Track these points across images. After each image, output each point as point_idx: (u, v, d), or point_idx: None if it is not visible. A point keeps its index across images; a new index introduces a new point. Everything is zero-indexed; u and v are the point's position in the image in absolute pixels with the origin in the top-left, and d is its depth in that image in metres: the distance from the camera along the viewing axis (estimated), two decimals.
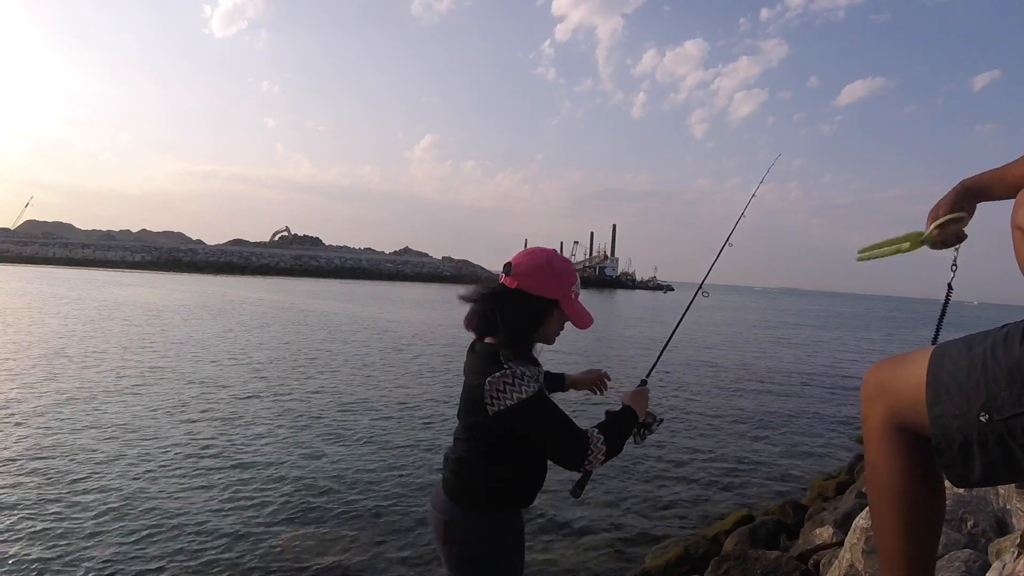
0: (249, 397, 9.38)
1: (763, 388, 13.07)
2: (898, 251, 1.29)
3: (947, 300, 1.25)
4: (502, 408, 1.60)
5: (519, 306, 1.69)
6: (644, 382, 1.96)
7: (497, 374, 1.61)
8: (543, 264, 1.70)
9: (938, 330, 1.23)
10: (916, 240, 1.25)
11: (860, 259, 1.33)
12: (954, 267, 1.25)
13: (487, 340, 1.75)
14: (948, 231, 1.22)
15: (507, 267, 1.73)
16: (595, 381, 2.07)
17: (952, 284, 1.27)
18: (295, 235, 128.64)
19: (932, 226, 1.22)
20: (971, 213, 1.22)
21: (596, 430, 1.67)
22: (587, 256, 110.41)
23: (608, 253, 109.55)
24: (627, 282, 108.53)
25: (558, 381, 2.04)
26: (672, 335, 2.31)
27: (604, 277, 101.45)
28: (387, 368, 12.74)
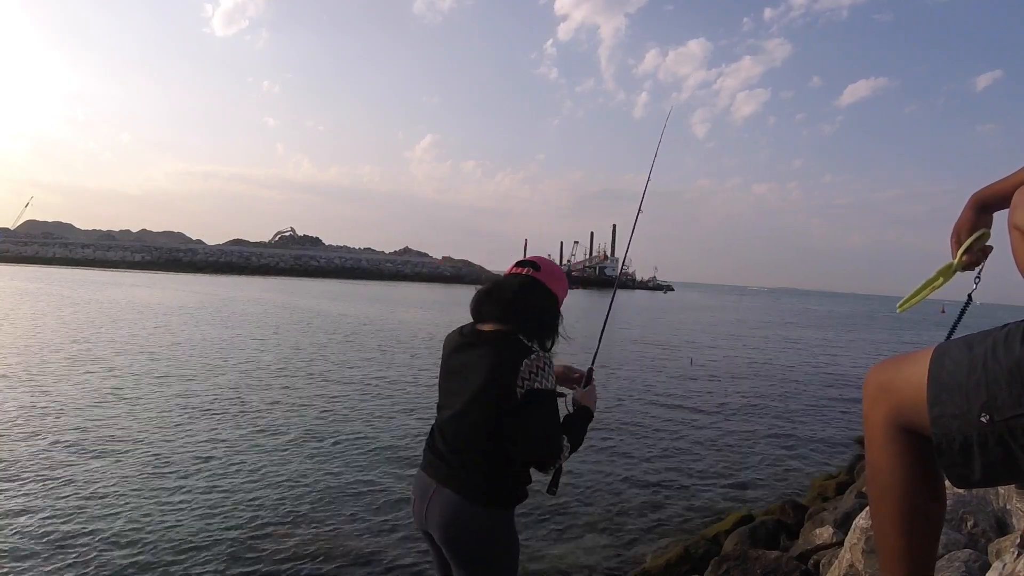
0: (250, 396, 9.38)
1: (763, 388, 13.07)
2: (934, 289, 1.31)
3: (964, 309, 1.26)
4: (531, 388, 1.64)
5: (548, 299, 1.84)
6: (591, 376, 2.04)
7: (533, 356, 1.68)
8: (558, 268, 1.93)
9: (950, 335, 1.24)
10: (948, 272, 1.26)
11: (902, 311, 1.36)
12: (977, 279, 1.27)
13: (487, 328, 1.79)
14: (974, 251, 1.23)
15: (532, 264, 1.86)
16: (572, 382, 2.01)
17: (973, 295, 1.28)
18: (296, 235, 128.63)
19: (959, 253, 1.23)
20: (990, 225, 1.22)
21: (565, 438, 1.73)
22: (587, 256, 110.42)
23: (608, 253, 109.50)
24: (627, 282, 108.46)
25: None
26: (604, 326, 2.37)
27: (604, 277, 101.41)
28: (387, 368, 12.73)
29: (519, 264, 1.87)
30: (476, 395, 1.70)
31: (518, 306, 1.78)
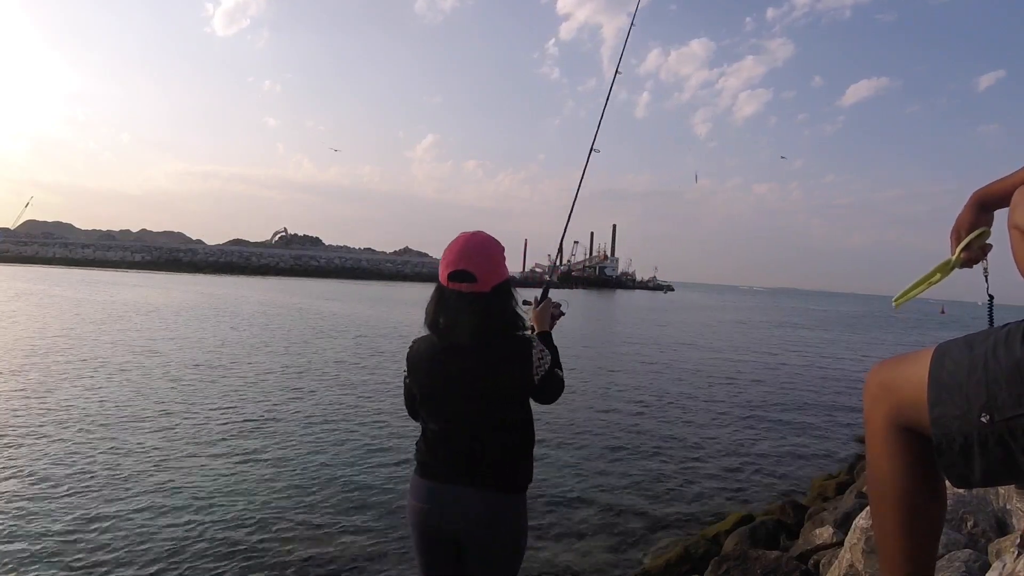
0: (253, 396, 9.38)
1: (763, 388, 13.06)
2: (931, 284, 1.30)
3: (991, 308, 1.25)
4: (543, 373, 1.75)
5: (506, 299, 1.80)
6: (546, 293, 2.10)
7: (534, 343, 1.78)
8: (494, 255, 1.79)
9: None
10: (946, 268, 1.26)
11: (898, 305, 1.34)
12: (986, 274, 1.26)
13: (466, 333, 1.82)
14: (973, 249, 1.22)
15: (466, 275, 1.71)
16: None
17: (991, 292, 1.27)
18: (294, 235, 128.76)
19: (958, 250, 1.22)
20: (990, 224, 1.22)
21: (558, 370, 1.85)
22: (587, 256, 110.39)
23: (608, 253, 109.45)
24: (627, 282, 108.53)
25: None
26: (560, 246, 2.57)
27: (604, 277, 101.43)
28: (387, 368, 12.73)
29: (462, 278, 1.72)
30: (497, 393, 1.75)
31: (500, 316, 1.79)
